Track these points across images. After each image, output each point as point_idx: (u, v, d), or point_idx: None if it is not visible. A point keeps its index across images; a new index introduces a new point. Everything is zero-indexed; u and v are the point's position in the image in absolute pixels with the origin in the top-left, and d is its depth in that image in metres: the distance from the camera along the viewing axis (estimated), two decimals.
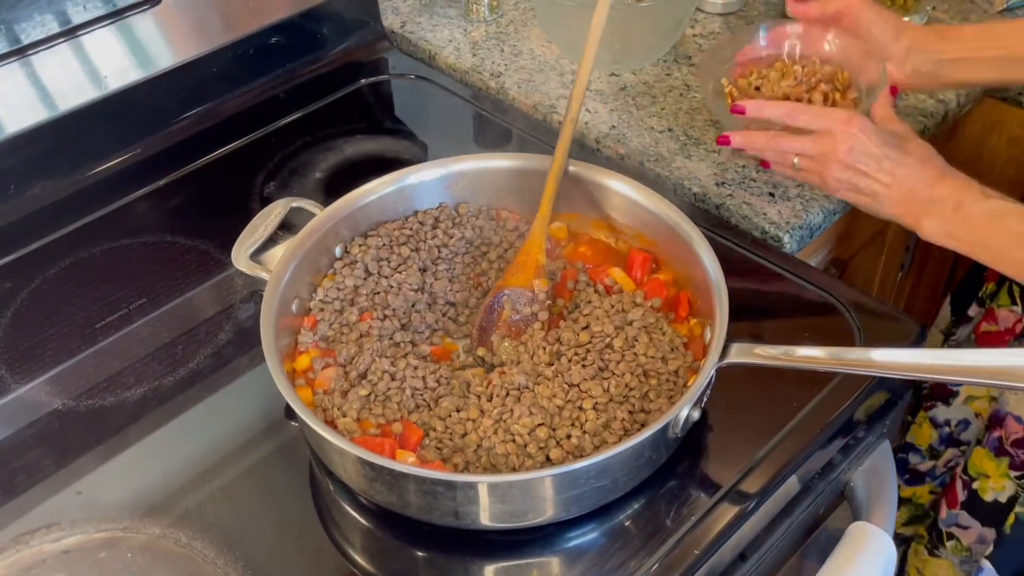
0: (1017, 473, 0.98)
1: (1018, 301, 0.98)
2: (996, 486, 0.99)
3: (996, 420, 0.98)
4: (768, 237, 0.95)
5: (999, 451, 0.98)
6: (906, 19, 1.19)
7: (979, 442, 1.00)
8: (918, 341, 0.83)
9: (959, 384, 0.98)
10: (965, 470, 1.01)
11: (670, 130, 1.07)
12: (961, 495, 1.02)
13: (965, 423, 1.07)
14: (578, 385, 0.74)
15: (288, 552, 0.72)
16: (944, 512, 1.04)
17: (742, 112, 0.87)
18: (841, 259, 1.18)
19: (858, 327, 0.83)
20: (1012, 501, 0.99)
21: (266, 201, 0.97)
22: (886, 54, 0.89)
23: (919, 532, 1.12)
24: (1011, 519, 0.97)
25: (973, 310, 1.08)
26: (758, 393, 0.79)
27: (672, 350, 0.77)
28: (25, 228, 0.97)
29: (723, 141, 0.88)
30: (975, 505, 1.02)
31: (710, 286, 0.76)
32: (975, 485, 1.01)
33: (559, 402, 0.73)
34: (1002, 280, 1.04)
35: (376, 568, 0.71)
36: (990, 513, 1.01)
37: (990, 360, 0.69)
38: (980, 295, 1.07)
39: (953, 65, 0.89)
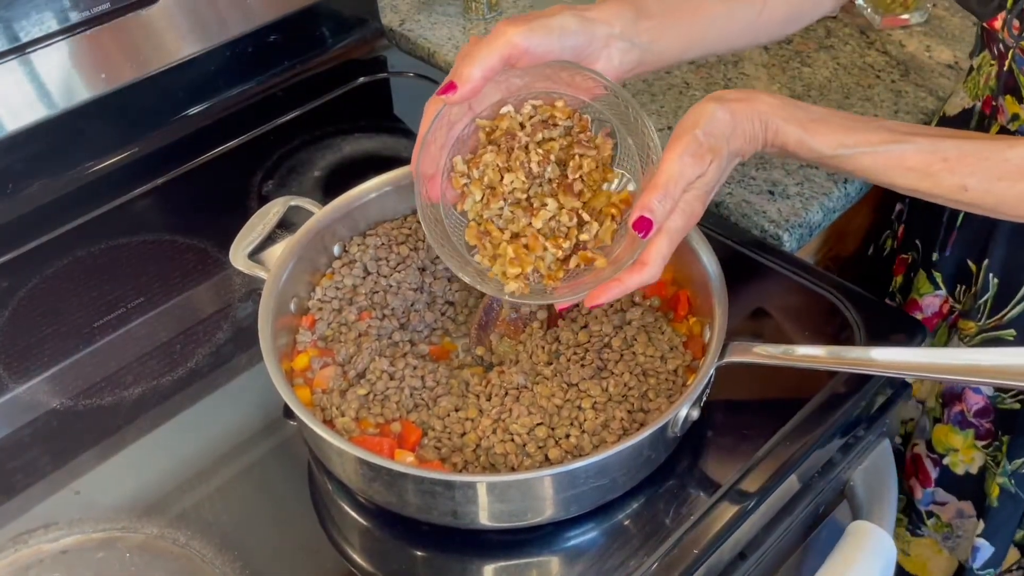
0: (983, 443, 0.99)
1: (941, 284, 0.99)
2: (966, 458, 1.00)
3: (952, 396, 0.99)
4: (767, 235, 0.95)
5: (963, 424, 0.99)
6: (905, 16, 1.20)
7: (937, 419, 1.01)
8: (918, 339, 0.82)
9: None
10: (931, 448, 1.02)
11: (669, 128, 1.07)
12: (933, 473, 1.03)
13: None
14: (577, 385, 0.73)
15: (286, 552, 0.72)
16: (919, 493, 1.05)
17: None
18: (840, 256, 1.18)
19: (858, 325, 0.83)
20: (983, 472, 1.01)
21: (264, 199, 0.97)
22: (589, 59, 0.73)
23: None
24: (995, 491, 0.98)
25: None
26: (757, 392, 0.79)
27: (671, 349, 0.76)
28: (23, 227, 0.97)
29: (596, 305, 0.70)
30: (949, 481, 1.03)
31: (709, 285, 0.76)
32: (946, 461, 1.01)
33: (558, 402, 0.72)
34: (908, 271, 1.05)
35: (375, 567, 0.71)
36: (964, 486, 1.03)
37: (991, 359, 0.69)
38: (890, 290, 1.08)
39: (650, 48, 0.76)
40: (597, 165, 0.73)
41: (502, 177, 0.73)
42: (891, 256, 1.08)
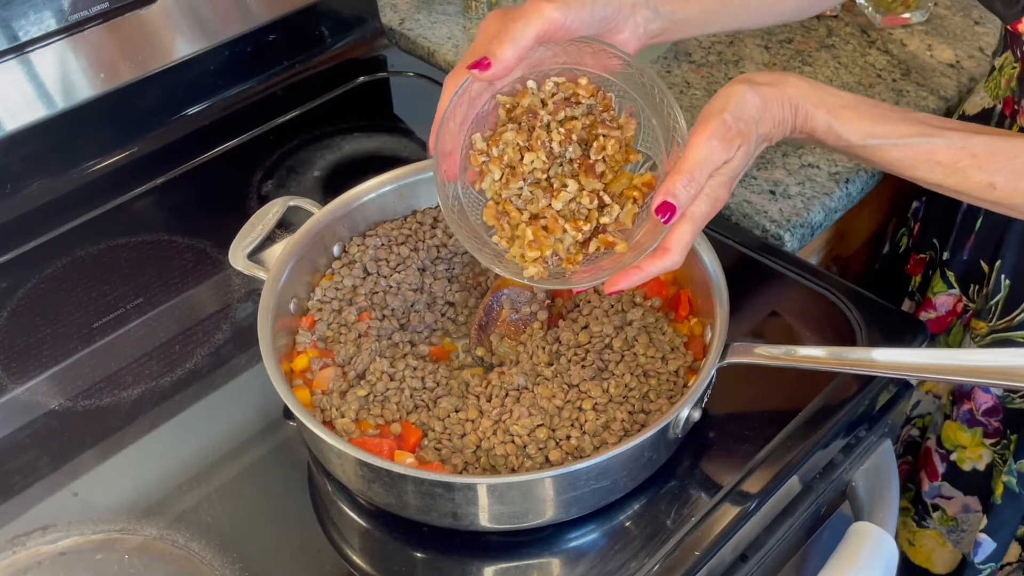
0: (992, 441, 0.99)
1: (955, 284, 0.99)
2: (973, 455, 1.00)
3: (962, 394, 0.99)
4: (769, 235, 0.94)
5: (971, 422, 0.99)
6: (906, 15, 1.19)
7: (947, 416, 1.01)
8: (920, 340, 0.82)
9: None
10: (940, 444, 1.02)
11: None
12: (940, 468, 1.03)
13: (916, 403, 1.08)
14: (577, 386, 0.73)
15: (286, 554, 0.72)
16: (926, 485, 1.05)
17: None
18: (842, 256, 1.17)
19: (860, 325, 0.83)
20: (991, 468, 1.01)
21: (264, 200, 0.97)
22: (617, 28, 0.72)
23: (903, 505, 1.13)
24: (999, 489, 0.98)
25: (906, 305, 1.09)
26: (759, 392, 0.79)
27: (672, 350, 0.76)
28: (22, 227, 0.97)
29: (616, 291, 0.68)
30: (956, 476, 1.03)
31: (710, 285, 0.75)
32: (953, 457, 1.02)
33: (558, 403, 0.72)
34: (926, 270, 1.04)
35: (375, 569, 0.71)
36: (971, 482, 1.02)
37: (993, 360, 0.69)
38: (910, 290, 1.07)
39: (671, 17, 0.76)
40: (620, 146, 0.72)
41: (522, 156, 0.71)
42: (906, 254, 1.08)
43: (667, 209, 0.65)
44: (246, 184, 1.02)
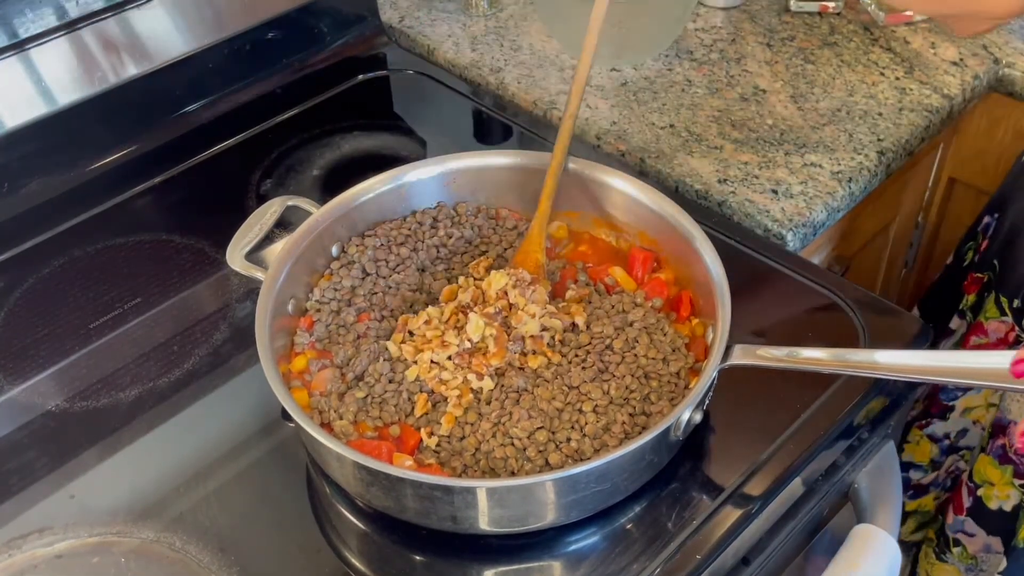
0: (1021, 481, 0.97)
1: (1007, 311, 0.96)
2: (1001, 494, 0.98)
3: (999, 428, 0.97)
4: (771, 235, 0.94)
5: (1003, 459, 0.96)
6: (909, 12, 1.19)
7: (983, 449, 0.99)
8: (923, 340, 0.82)
9: (964, 387, 0.97)
10: (971, 477, 1.00)
11: (672, 126, 1.06)
12: (967, 501, 1.01)
13: (963, 431, 1.06)
14: (578, 387, 0.73)
15: (284, 556, 0.71)
16: (951, 517, 1.03)
17: None
18: (844, 256, 1.17)
19: (862, 326, 0.82)
20: (1017, 510, 0.98)
21: (262, 199, 0.96)
22: None
23: (928, 536, 1.10)
24: (1022, 532, 0.95)
25: (955, 323, 1.06)
26: (761, 394, 0.78)
27: (673, 351, 0.75)
28: (18, 226, 0.96)
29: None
30: (980, 513, 1.01)
31: (712, 285, 0.75)
32: (980, 492, 0.99)
33: (558, 405, 0.72)
34: (982, 291, 1.02)
35: (373, 572, 0.70)
36: (995, 522, 1.00)
37: (996, 362, 0.68)
38: (960, 308, 1.05)
39: None
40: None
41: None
42: (968, 268, 1.05)
43: None
44: (244, 183, 1.02)
